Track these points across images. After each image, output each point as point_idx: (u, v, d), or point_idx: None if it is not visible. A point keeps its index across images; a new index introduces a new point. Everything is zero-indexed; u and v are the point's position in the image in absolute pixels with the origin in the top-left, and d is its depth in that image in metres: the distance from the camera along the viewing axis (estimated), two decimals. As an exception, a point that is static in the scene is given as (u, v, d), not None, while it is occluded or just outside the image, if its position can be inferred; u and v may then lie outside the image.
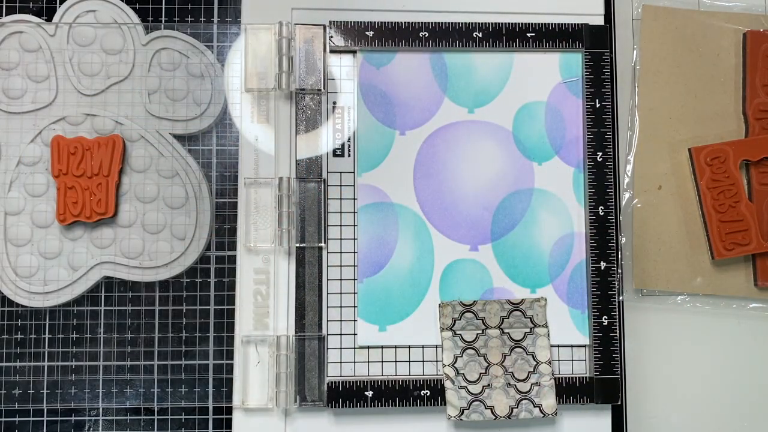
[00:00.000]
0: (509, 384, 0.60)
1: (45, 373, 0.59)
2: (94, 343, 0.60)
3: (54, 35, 0.62)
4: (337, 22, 0.62)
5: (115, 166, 0.61)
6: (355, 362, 0.60)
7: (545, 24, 0.63)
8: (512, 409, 0.59)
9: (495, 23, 0.63)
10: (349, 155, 0.62)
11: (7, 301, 0.61)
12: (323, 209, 0.61)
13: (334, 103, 0.62)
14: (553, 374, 0.60)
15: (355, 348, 0.61)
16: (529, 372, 0.60)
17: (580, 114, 0.63)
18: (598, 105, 0.63)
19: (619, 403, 0.61)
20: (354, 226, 0.62)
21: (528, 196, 0.63)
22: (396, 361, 0.61)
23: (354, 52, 0.63)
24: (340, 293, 0.61)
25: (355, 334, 0.61)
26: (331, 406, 0.60)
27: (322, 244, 0.61)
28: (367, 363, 0.61)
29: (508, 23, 0.63)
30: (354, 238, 0.61)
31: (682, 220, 0.64)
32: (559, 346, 0.62)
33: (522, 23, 0.63)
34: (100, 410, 0.60)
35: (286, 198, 0.61)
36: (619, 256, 0.62)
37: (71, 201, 0.60)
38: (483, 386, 0.60)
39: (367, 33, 0.62)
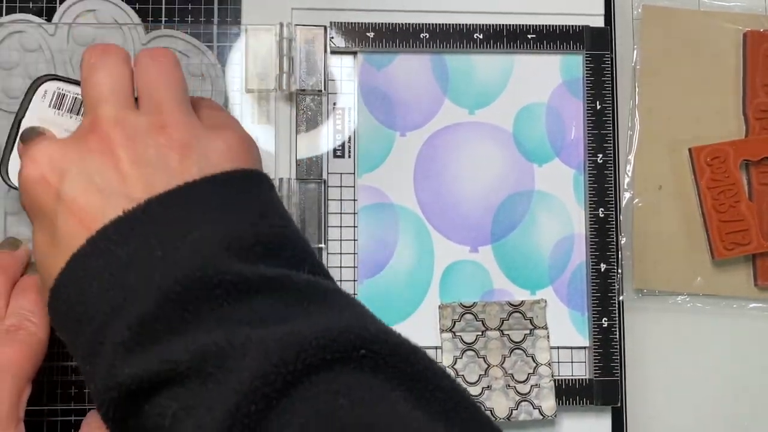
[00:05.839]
0: (509, 386, 0.60)
1: (45, 374, 0.59)
2: (95, 343, 0.60)
3: (54, 35, 0.62)
4: (337, 23, 0.62)
5: (116, 166, 0.61)
6: (355, 363, 0.61)
7: (546, 26, 0.63)
8: (512, 410, 0.60)
9: (496, 25, 0.63)
10: (349, 156, 0.62)
11: (7, 301, 0.61)
12: (323, 210, 0.61)
13: (335, 104, 0.62)
14: (552, 376, 0.61)
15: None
16: (528, 374, 0.60)
17: (581, 116, 0.63)
18: (598, 107, 0.63)
19: (619, 405, 0.61)
20: (354, 227, 0.62)
21: (528, 197, 0.63)
22: (396, 362, 0.61)
23: (355, 53, 0.63)
24: (341, 294, 0.61)
25: (355, 335, 0.61)
26: (332, 407, 0.60)
27: (323, 245, 0.61)
28: (368, 364, 0.61)
29: (509, 25, 0.63)
30: (354, 240, 0.62)
31: (682, 220, 0.64)
32: (558, 348, 0.62)
33: (523, 25, 0.63)
34: (101, 410, 0.60)
35: (286, 199, 0.61)
36: (619, 256, 0.62)
37: (71, 201, 0.60)
38: (483, 388, 0.60)
39: (367, 34, 0.62)
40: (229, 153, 0.46)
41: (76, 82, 0.55)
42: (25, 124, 0.54)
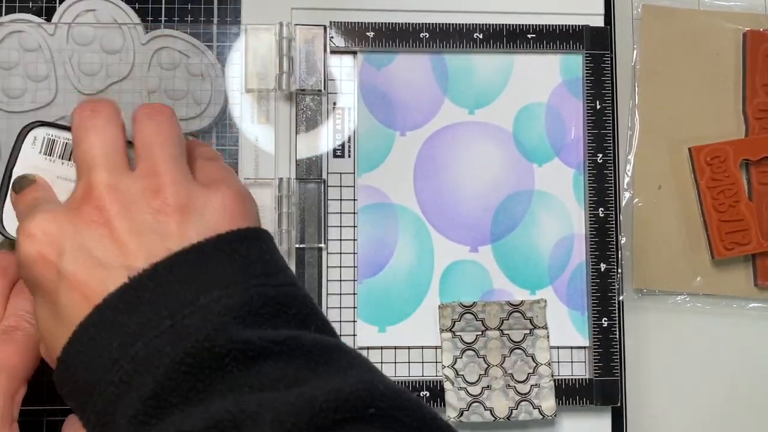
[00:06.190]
0: (509, 385, 0.60)
1: (45, 373, 0.59)
2: (95, 343, 0.60)
3: (54, 35, 0.62)
4: (337, 22, 0.62)
5: (115, 166, 0.61)
6: (354, 363, 0.61)
7: (546, 26, 0.63)
8: (511, 410, 0.59)
9: (496, 24, 0.63)
10: (349, 156, 0.62)
11: (7, 301, 0.61)
12: (323, 210, 0.61)
13: (334, 103, 0.62)
14: (552, 376, 0.60)
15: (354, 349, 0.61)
16: (528, 373, 0.60)
17: (581, 115, 0.63)
18: (598, 107, 0.63)
19: (619, 405, 0.61)
20: (354, 227, 0.62)
21: (528, 197, 0.63)
22: (395, 362, 0.61)
23: (354, 52, 0.63)
24: (340, 294, 0.61)
25: (354, 335, 0.61)
26: (331, 407, 0.60)
27: (322, 245, 0.61)
28: (367, 364, 0.61)
29: (509, 24, 0.63)
30: (354, 239, 0.62)
31: (682, 220, 0.64)
32: (558, 347, 0.62)
33: (523, 24, 0.63)
34: (101, 410, 0.60)
35: (286, 198, 0.61)
36: (619, 255, 0.62)
37: (71, 202, 0.60)
38: (482, 387, 0.60)
39: (367, 34, 0.62)
40: (227, 212, 0.45)
41: (66, 128, 0.54)
42: (16, 173, 0.53)
